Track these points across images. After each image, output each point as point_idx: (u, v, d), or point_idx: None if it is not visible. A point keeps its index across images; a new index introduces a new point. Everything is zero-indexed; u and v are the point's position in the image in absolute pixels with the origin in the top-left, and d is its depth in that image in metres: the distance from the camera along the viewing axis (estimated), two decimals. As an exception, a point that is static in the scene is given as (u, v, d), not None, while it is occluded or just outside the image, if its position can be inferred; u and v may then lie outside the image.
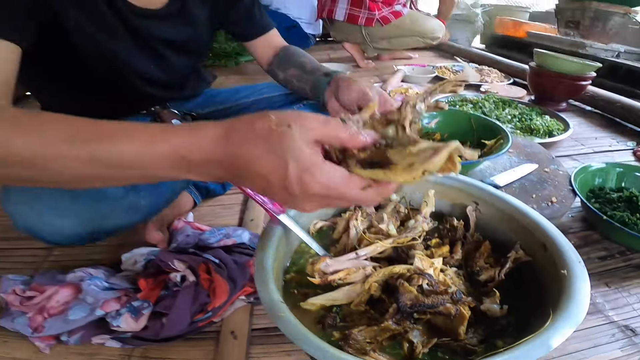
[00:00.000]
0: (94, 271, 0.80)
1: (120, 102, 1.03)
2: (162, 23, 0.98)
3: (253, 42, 1.19)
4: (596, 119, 1.81)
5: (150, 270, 0.81)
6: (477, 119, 1.20)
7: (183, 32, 1.04)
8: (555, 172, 1.10)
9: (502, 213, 0.67)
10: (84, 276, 0.78)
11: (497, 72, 2.44)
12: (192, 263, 0.78)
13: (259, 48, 1.20)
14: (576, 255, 0.53)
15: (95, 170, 0.44)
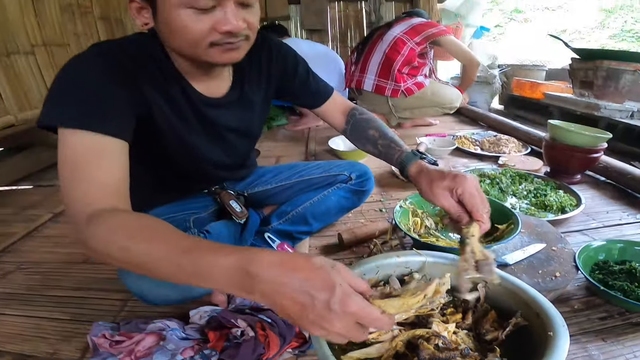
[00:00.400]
0: (169, 323, 0.99)
1: (189, 181, 1.21)
2: (226, 111, 1.10)
3: (319, 110, 1.32)
4: (609, 190, 1.89)
5: (212, 325, 0.98)
6: (491, 203, 1.31)
7: (244, 118, 1.17)
8: (561, 250, 1.22)
9: (505, 289, 0.82)
10: (163, 327, 0.97)
11: (514, 142, 2.55)
12: (250, 321, 0.95)
13: (327, 114, 1.32)
14: (562, 321, 0.69)
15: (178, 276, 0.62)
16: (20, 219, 1.94)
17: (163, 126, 0.99)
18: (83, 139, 0.76)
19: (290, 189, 1.42)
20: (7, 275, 1.43)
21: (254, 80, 1.15)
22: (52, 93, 0.81)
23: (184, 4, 0.79)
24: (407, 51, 2.83)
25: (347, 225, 1.61)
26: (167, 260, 0.62)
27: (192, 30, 0.81)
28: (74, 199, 0.73)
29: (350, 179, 1.42)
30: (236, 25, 0.83)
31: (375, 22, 4.64)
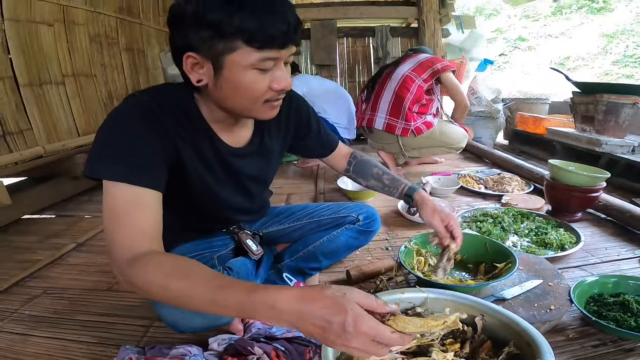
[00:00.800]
0: (190, 349, 1.07)
1: (210, 222, 1.31)
2: (248, 160, 1.19)
3: (326, 159, 1.47)
4: (609, 227, 1.96)
5: (230, 351, 1.07)
6: (491, 244, 1.44)
7: (263, 167, 1.26)
8: (557, 285, 1.31)
9: (500, 322, 0.91)
10: (185, 352, 1.06)
11: (518, 180, 2.62)
12: (266, 349, 1.04)
13: (332, 161, 1.47)
14: (549, 349, 0.77)
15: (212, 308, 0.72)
16: (44, 246, 2.03)
17: (192, 176, 1.08)
18: (124, 191, 0.85)
19: (302, 228, 1.52)
20: (34, 299, 1.52)
21: (273, 130, 1.24)
22: (97, 147, 0.91)
23: (252, 65, 0.89)
24: (416, 89, 2.86)
25: (354, 262, 1.69)
26: (202, 296, 0.72)
27: (255, 88, 0.92)
28: (117, 243, 0.82)
29: (358, 220, 1.50)
30: (289, 83, 0.96)
31: (382, 58, 4.82)
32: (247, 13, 0.84)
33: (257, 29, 0.84)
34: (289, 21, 0.88)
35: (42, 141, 2.65)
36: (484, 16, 12.74)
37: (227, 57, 0.88)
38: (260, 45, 0.86)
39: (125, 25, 3.74)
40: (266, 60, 0.89)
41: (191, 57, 0.90)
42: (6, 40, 2.46)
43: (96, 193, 3.01)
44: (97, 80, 3.33)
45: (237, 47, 0.87)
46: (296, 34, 0.91)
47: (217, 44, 0.87)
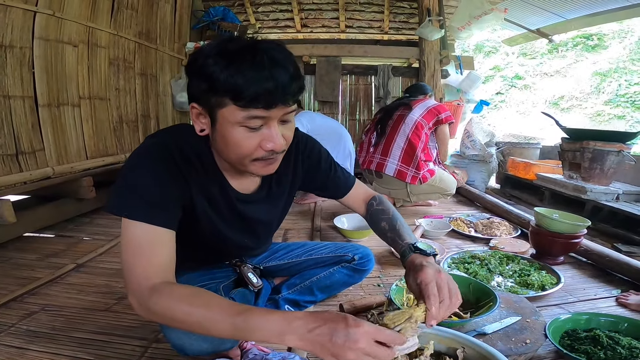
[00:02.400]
0: (190, 373, 1.14)
1: (216, 257, 1.39)
2: (255, 206, 1.24)
3: (342, 200, 1.43)
4: (589, 270, 2.05)
5: (226, 376, 1.13)
6: (475, 285, 1.57)
7: (270, 212, 1.31)
8: (534, 321, 1.41)
9: (479, 354, 1.00)
10: (184, 377, 1.12)
11: (506, 225, 2.71)
12: (262, 376, 1.10)
13: (350, 203, 1.43)
14: None
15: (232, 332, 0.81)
16: (44, 265, 2.08)
17: (201, 217, 1.14)
18: (144, 229, 0.93)
19: (300, 264, 1.60)
20: (32, 315, 1.56)
21: (282, 177, 1.26)
22: (121, 186, 0.98)
23: (239, 122, 0.91)
24: (424, 137, 2.94)
25: (347, 296, 1.74)
26: (223, 320, 0.81)
27: (243, 145, 0.95)
28: (136, 275, 0.90)
29: (354, 259, 1.59)
30: (279, 144, 0.97)
31: (383, 97, 4.94)
32: (234, 70, 0.87)
33: (240, 87, 0.87)
34: (278, 80, 0.89)
35: (52, 162, 2.72)
36: (483, 53, 13.02)
37: (219, 112, 0.92)
38: (244, 104, 0.89)
39: (142, 49, 3.88)
40: (252, 118, 0.91)
41: (195, 108, 0.97)
42: (32, 59, 2.55)
43: (97, 216, 3.08)
44: (110, 103, 3.42)
45: (226, 104, 0.90)
46: (286, 94, 0.91)
47: (211, 97, 0.91)
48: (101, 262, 2.16)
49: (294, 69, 0.93)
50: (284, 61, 0.91)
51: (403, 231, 1.24)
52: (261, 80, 0.87)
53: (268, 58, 0.88)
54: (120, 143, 3.58)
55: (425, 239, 2.45)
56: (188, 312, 0.83)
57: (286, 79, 0.90)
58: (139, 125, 3.91)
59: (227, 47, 0.90)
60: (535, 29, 5.23)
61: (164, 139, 1.05)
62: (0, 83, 2.35)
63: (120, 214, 0.95)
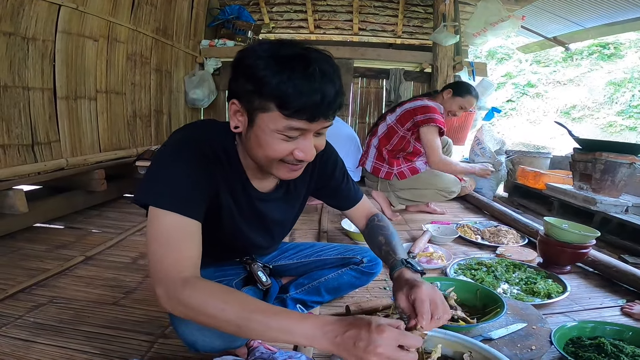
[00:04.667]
0: (197, 368, 1.15)
1: (228, 254, 1.41)
2: (272, 205, 1.25)
3: (346, 212, 1.45)
4: (595, 280, 2.04)
5: (232, 374, 1.14)
6: (482, 291, 1.57)
7: (286, 212, 1.33)
8: (540, 328, 1.42)
9: (486, 358, 1.01)
10: (192, 371, 1.13)
11: (513, 233, 2.69)
12: (268, 373, 1.11)
13: (353, 217, 1.45)
14: None
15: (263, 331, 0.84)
16: (53, 256, 2.10)
17: (223, 213, 1.15)
18: (175, 220, 0.94)
19: (309, 265, 1.62)
20: (40, 307, 1.57)
21: (299, 178, 1.21)
22: (150, 176, 1.00)
23: (278, 130, 0.92)
24: (397, 140, 3.00)
25: (353, 298, 1.75)
26: (257, 320, 0.83)
27: (275, 151, 0.96)
28: (167, 265, 0.91)
29: (362, 262, 1.59)
30: (310, 156, 0.99)
31: (393, 101, 4.91)
32: (286, 77, 0.87)
33: (289, 96, 0.87)
34: (325, 94, 0.89)
35: (66, 154, 2.76)
36: (496, 60, 12.86)
37: (260, 115, 0.93)
38: (289, 113, 0.89)
39: (159, 46, 3.94)
40: (292, 129, 0.92)
41: (235, 105, 0.98)
42: (54, 52, 2.60)
43: (106, 209, 3.11)
44: (125, 98, 3.48)
45: (270, 109, 0.91)
46: (330, 109, 0.93)
47: (255, 99, 0.92)
48: (110, 255, 2.18)
49: (340, 83, 0.95)
50: (333, 75, 0.92)
51: (398, 248, 1.25)
52: (310, 93, 0.88)
53: (320, 70, 0.89)
54: (132, 137, 3.63)
55: (432, 245, 2.45)
56: (222, 308, 0.85)
57: (332, 93, 0.91)
58: (152, 120, 3.96)
59: (279, 51, 0.90)
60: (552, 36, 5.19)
61: (194, 133, 1.07)
62: (21, 75, 2.38)
63: (151, 204, 0.95)
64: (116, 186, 3.28)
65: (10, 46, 2.28)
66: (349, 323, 0.81)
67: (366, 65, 5.26)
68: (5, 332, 1.38)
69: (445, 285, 1.59)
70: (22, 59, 2.38)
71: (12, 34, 2.29)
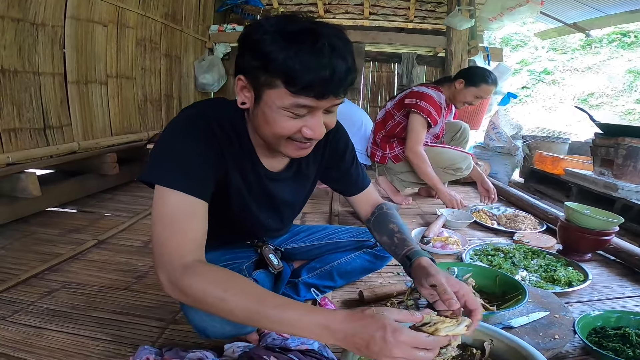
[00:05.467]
0: (207, 353, 1.11)
1: (238, 235, 1.36)
2: (282, 184, 1.21)
3: (350, 198, 1.40)
4: (617, 268, 1.99)
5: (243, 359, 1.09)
6: (502, 277, 1.50)
7: (296, 192, 1.29)
8: (562, 317, 1.37)
9: (508, 347, 0.97)
10: (202, 357, 1.10)
11: (531, 219, 2.62)
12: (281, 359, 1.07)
13: (357, 204, 1.40)
14: None
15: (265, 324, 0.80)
16: (66, 240, 2.10)
17: (232, 192, 1.12)
18: (180, 199, 0.90)
19: (321, 248, 1.58)
20: (52, 292, 1.55)
21: (310, 157, 1.20)
22: (157, 154, 0.96)
23: (284, 107, 0.89)
24: (392, 125, 2.95)
25: (366, 284, 1.71)
26: (258, 311, 0.79)
27: (283, 128, 0.93)
28: (170, 249, 0.87)
29: (376, 245, 1.55)
30: (319, 134, 0.95)
31: (406, 85, 4.84)
32: (293, 53, 0.83)
33: (296, 72, 0.83)
34: (335, 71, 0.85)
35: (78, 137, 2.78)
36: (510, 47, 12.65)
37: (266, 91, 0.90)
38: (295, 90, 0.86)
39: (168, 31, 3.95)
40: (299, 107, 0.89)
41: (241, 80, 0.94)
42: (64, 37, 2.60)
43: (119, 192, 3.12)
44: (135, 82, 3.50)
45: (276, 86, 0.87)
46: (340, 87, 0.89)
47: (261, 75, 0.88)
48: (122, 239, 2.17)
49: (352, 59, 0.90)
50: (344, 50, 0.87)
51: (411, 237, 1.24)
52: (318, 69, 0.84)
53: (329, 45, 0.85)
54: (143, 121, 3.66)
55: (447, 229, 2.39)
56: (222, 298, 0.81)
57: (343, 69, 0.87)
58: (162, 104, 3.99)
59: (287, 26, 0.86)
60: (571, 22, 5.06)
61: (202, 110, 1.03)
62: (31, 60, 2.38)
63: (157, 182, 0.92)
64: (128, 170, 3.29)
65: (19, 32, 2.27)
66: (363, 323, 0.75)
67: (378, 50, 5.19)
68: (17, 319, 1.37)
69: (463, 270, 1.54)
70: (32, 45, 2.37)
71: (21, 20, 2.28)
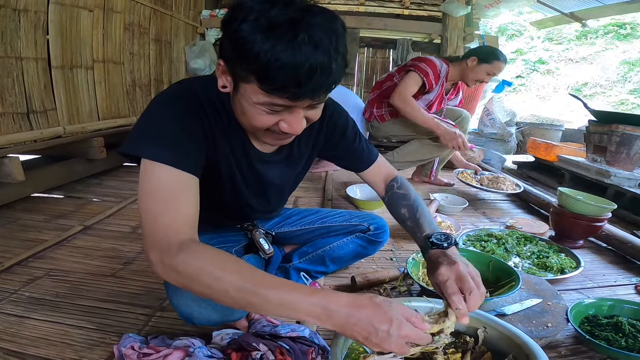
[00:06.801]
0: (194, 341, 1.08)
1: (228, 218, 1.32)
2: (274, 167, 1.17)
3: (361, 174, 1.35)
4: (609, 256, 1.98)
5: (232, 346, 1.07)
6: (495, 263, 1.48)
7: (285, 175, 1.24)
8: (555, 305, 1.35)
9: (502, 334, 0.94)
10: (189, 344, 1.07)
11: (511, 181, 2.76)
12: (270, 346, 1.05)
13: (369, 178, 1.35)
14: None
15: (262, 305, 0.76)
16: (51, 227, 2.04)
17: (223, 172, 1.08)
18: (171, 174, 0.85)
19: (313, 232, 1.54)
20: (36, 280, 1.50)
21: (303, 138, 1.17)
22: (142, 127, 0.90)
23: (259, 103, 0.83)
24: (387, 86, 2.92)
25: (359, 269, 1.69)
26: (257, 293, 0.75)
27: (259, 121, 0.88)
28: (163, 226, 0.82)
29: (369, 229, 1.52)
30: (297, 130, 0.89)
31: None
32: (269, 48, 0.73)
33: (269, 71, 0.75)
34: (314, 71, 0.75)
35: (63, 122, 2.72)
36: (506, 36, 12.64)
37: (241, 84, 0.84)
38: (268, 90, 0.79)
39: (158, 16, 3.88)
40: (274, 105, 0.83)
41: (221, 65, 0.87)
42: (47, 23, 2.54)
43: (107, 177, 3.06)
44: (124, 67, 3.45)
45: (250, 81, 0.80)
46: (318, 89, 0.80)
47: (237, 67, 0.81)
48: (109, 225, 2.12)
49: (339, 55, 0.79)
50: (328, 46, 0.76)
51: (423, 220, 1.15)
52: (294, 68, 0.74)
53: (309, 40, 0.74)
54: (132, 106, 3.61)
55: (440, 214, 2.38)
56: (218, 277, 0.76)
57: (325, 70, 0.77)
58: (152, 89, 3.94)
59: (270, 13, 0.74)
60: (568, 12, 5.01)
61: (191, 84, 0.98)
62: (13, 45, 2.33)
63: (144, 156, 0.86)
64: (117, 154, 3.19)
65: (0, 18, 2.22)
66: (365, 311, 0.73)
67: (372, 35, 5.14)
68: (0, 308, 1.33)
69: (457, 256, 1.52)
70: (14, 30, 2.32)
71: (2, 6, 2.23)
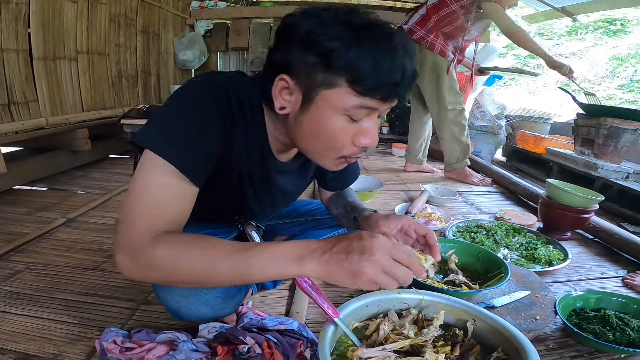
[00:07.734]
0: (179, 335, 1.05)
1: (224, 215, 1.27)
2: (286, 176, 1.14)
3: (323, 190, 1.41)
4: (596, 248, 1.99)
5: (220, 340, 1.05)
6: (485, 254, 1.46)
7: (298, 184, 1.23)
8: (544, 297, 1.35)
9: (491, 327, 0.92)
10: (174, 338, 1.04)
11: None
12: (258, 339, 1.03)
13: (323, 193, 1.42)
14: (536, 355, 0.78)
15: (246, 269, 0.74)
16: (33, 219, 2.00)
17: (233, 175, 1.03)
18: (170, 176, 0.80)
19: (303, 225, 1.52)
20: (16, 274, 1.46)
21: None
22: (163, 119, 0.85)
23: (344, 109, 0.81)
24: (445, 12, 2.75)
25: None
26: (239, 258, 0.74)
27: (338, 137, 0.85)
28: (140, 227, 0.77)
29: None
30: (374, 141, 0.88)
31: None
32: (366, 51, 0.75)
33: (367, 72, 0.76)
34: (406, 73, 0.79)
35: (45, 113, 2.67)
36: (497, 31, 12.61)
37: (322, 92, 0.80)
38: (363, 90, 0.78)
39: (145, 7, 3.83)
40: (362, 108, 0.81)
41: (284, 81, 0.83)
42: (28, 14, 2.49)
43: (91, 169, 3.01)
44: (109, 59, 3.40)
45: (338, 85, 0.78)
46: (406, 90, 0.83)
47: (319, 74, 0.79)
48: (93, 217, 2.08)
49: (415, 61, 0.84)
50: (411, 51, 0.82)
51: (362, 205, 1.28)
52: (392, 70, 0.77)
53: (401, 46, 0.78)
54: (118, 97, 3.56)
55: (431, 205, 2.38)
56: (192, 257, 0.74)
57: (412, 72, 0.81)
58: (139, 81, 3.89)
59: (352, 18, 0.77)
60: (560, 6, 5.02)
61: (226, 83, 0.92)
62: (-6, 37, 2.27)
63: (149, 147, 0.80)
64: (102, 146, 3.22)
65: (-21, 10, 2.16)
66: (337, 238, 0.75)
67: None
68: (-21, 304, 1.29)
69: (446, 247, 1.49)
70: (-6, 22, 2.26)
71: None
